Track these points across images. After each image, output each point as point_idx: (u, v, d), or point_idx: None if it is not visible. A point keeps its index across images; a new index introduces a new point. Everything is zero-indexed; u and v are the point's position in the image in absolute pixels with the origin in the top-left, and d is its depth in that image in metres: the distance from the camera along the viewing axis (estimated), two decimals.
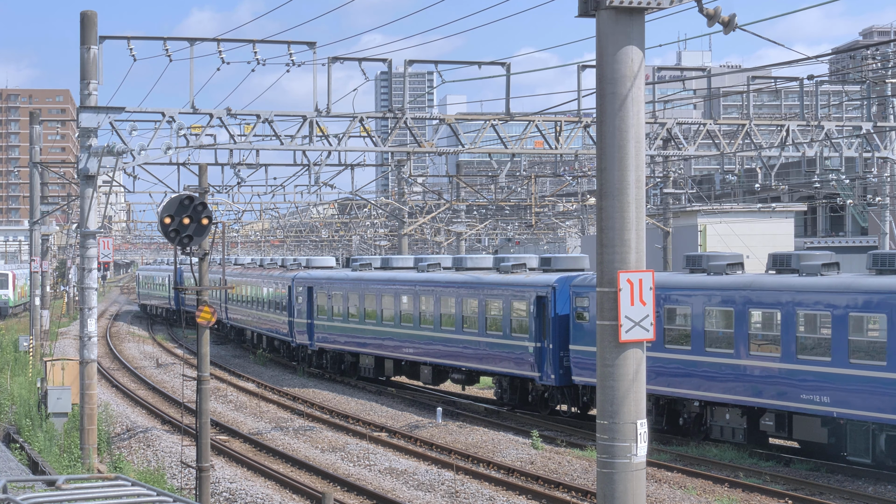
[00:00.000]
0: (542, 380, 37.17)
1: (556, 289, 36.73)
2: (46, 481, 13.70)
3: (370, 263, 51.33)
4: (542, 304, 37.15)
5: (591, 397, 36.23)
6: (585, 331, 35.25)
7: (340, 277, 50.86)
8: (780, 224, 69.22)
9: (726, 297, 30.88)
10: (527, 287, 37.93)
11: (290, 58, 31.38)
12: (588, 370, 35.00)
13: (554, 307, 36.67)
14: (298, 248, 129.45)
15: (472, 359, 40.55)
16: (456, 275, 42.70)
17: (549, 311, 36.81)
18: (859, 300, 27.53)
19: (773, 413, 29.80)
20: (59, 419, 34.16)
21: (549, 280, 37.20)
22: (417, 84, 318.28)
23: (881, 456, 27.25)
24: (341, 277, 50.78)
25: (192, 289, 22.93)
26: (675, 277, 33.36)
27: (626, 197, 13.37)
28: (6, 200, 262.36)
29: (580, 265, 39.40)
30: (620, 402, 13.44)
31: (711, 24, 13.00)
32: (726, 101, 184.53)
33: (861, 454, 27.58)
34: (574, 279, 36.55)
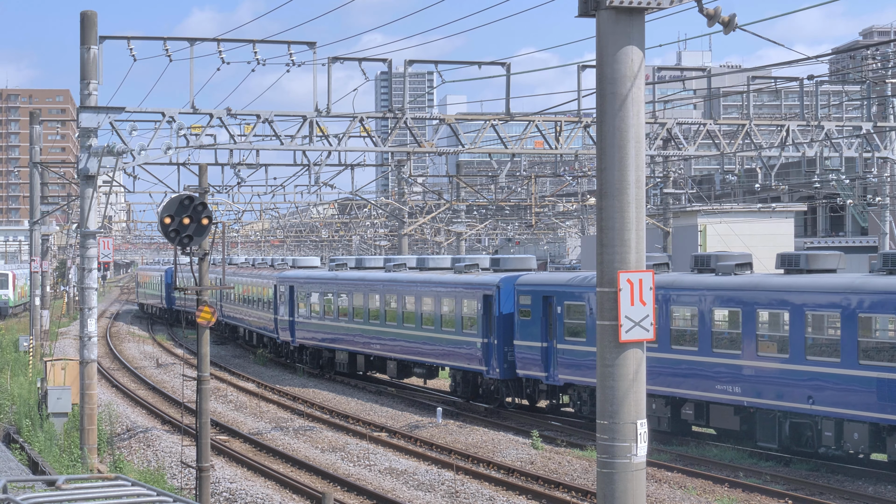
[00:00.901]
0: (488, 374, 39.29)
1: (500, 288, 38.81)
2: (46, 481, 13.71)
3: (346, 263, 53.68)
4: (489, 302, 39.23)
5: (533, 389, 38.39)
6: (527, 327, 37.42)
7: (317, 277, 53.33)
8: (780, 224, 69.23)
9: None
10: (475, 286, 40.08)
11: (290, 58, 31.38)
12: (530, 364, 37.35)
13: (499, 305, 38.75)
14: (298, 248, 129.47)
15: (430, 354, 42.78)
16: (416, 274, 45.22)
17: (494, 308, 38.85)
18: (767, 298, 29.47)
19: (693, 403, 31.75)
20: (59, 419, 34.16)
21: (494, 280, 39.23)
22: (417, 84, 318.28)
23: (786, 441, 29.16)
24: (318, 277, 53.27)
25: (191, 289, 22.93)
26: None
27: (626, 197, 13.37)
28: (6, 200, 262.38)
29: (527, 265, 41.71)
30: (620, 402, 13.44)
31: (711, 24, 13.00)
32: (726, 101, 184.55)
33: (769, 440, 29.51)
34: (517, 279, 38.50)
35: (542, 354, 37.14)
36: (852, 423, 27.30)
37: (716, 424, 31.76)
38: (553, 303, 36.74)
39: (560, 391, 37.72)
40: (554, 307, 36.70)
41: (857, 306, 27.22)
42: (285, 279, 56.30)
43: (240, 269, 69.82)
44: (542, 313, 37.16)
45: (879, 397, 26.58)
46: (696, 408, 31.77)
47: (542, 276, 38.47)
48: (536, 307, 37.32)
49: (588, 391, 35.51)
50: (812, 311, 28.36)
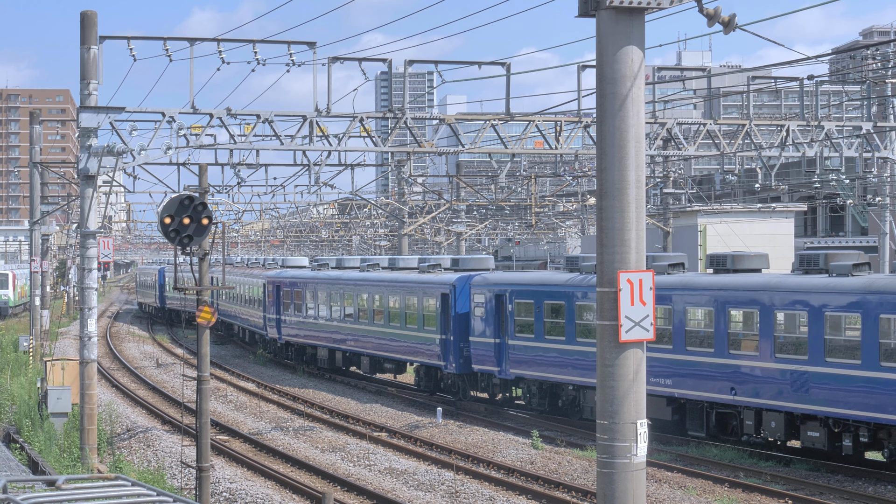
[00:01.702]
0: (446, 368, 41.47)
1: (456, 287, 41.08)
2: (46, 481, 13.70)
3: (327, 263, 56.40)
4: (446, 300, 41.41)
5: (487, 383, 40.44)
6: (481, 325, 39.53)
7: (300, 276, 55.81)
8: (780, 224, 69.22)
9: (587, 295, 35.20)
10: (434, 285, 42.34)
11: (290, 58, 31.37)
12: (484, 360, 39.43)
13: (455, 303, 40.98)
14: (298, 248, 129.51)
15: (397, 350, 45.03)
16: (384, 274, 47.69)
17: (451, 307, 41.07)
18: (695, 296, 31.68)
19: None
20: (59, 419, 34.15)
21: (451, 279, 41.46)
22: (417, 84, 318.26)
23: (713, 430, 31.57)
24: (300, 276, 55.75)
25: (191, 288, 22.93)
26: (554, 276, 37.91)
27: (626, 197, 13.37)
28: (6, 200, 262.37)
29: (486, 265, 44.13)
30: (620, 402, 13.43)
31: (711, 24, 13.00)
32: (726, 101, 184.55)
33: (697, 429, 31.91)
34: (472, 278, 40.68)
35: (494, 350, 38.92)
36: (770, 413, 29.33)
37: (651, 415, 32.32)
38: (505, 301, 38.60)
39: (512, 385, 39.44)
40: (506, 305, 38.55)
41: (772, 304, 29.21)
42: (272, 278, 58.51)
43: (234, 269, 71.52)
44: (494, 311, 39.01)
45: (793, 388, 28.61)
46: None
47: (495, 276, 40.20)
48: (489, 305, 39.22)
49: (537, 384, 37.67)
50: (734, 307, 30.34)
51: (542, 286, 37.23)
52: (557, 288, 36.53)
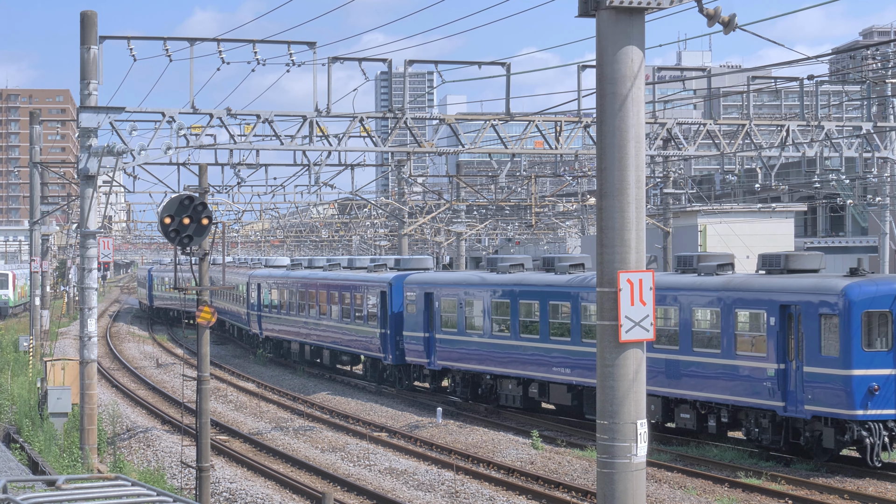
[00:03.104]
0: (385, 360, 45.58)
1: (392, 285, 45.01)
2: (46, 481, 13.71)
3: (301, 263, 61.59)
4: (384, 297, 45.31)
5: (418, 374, 44.46)
6: (412, 320, 43.32)
7: (276, 275, 59.93)
8: (780, 224, 69.18)
9: (506, 291, 38.56)
10: (375, 284, 46.43)
11: (290, 58, 31.36)
12: (415, 352, 43.30)
13: (391, 300, 44.83)
14: (298, 248, 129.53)
15: (349, 344, 49.28)
16: (340, 273, 52.24)
17: (388, 303, 44.90)
18: (589, 294, 34.53)
19: (537, 383, 37.39)
20: (59, 419, 34.14)
21: (388, 278, 45.50)
22: (417, 84, 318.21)
23: None
24: (276, 275, 59.87)
25: (191, 288, 22.93)
26: (473, 276, 41.25)
27: (626, 197, 13.36)
28: (6, 200, 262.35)
29: (425, 265, 48.44)
30: (620, 403, 13.43)
31: (711, 24, 13.00)
32: (726, 101, 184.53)
33: (593, 413, 33.21)
34: (406, 277, 44.42)
35: (424, 343, 42.69)
36: (651, 397, 31.54)
37: (555, 401, 37.28)
38: (433, 298, 42.21)
39: (440, 375, 43.15)
40: (433, 302, 42.13)
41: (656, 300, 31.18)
42: (254, 277, 62.75)
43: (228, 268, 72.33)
44: (424, 308, 42.65)
45: (668, 375, 31.82)
46: (539, 387, 37.34)
47: (425, 276, 44.10)
48: (419, 302, 42.96)
49: (460, 375, 41.31)
50: None
51: (463, 285, 40.90)
52: (475, 287, 40.22)
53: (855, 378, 27.43)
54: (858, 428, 27.46)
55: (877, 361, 27.62)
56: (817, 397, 27.94)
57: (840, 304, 27.73)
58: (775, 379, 28.89)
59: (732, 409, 30.51)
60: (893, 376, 27.61)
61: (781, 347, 28.92)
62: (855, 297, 27.65)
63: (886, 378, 27.56)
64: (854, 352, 27.51)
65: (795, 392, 28.47)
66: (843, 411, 27.55)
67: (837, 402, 27.73)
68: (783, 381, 28.76)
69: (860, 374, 27.44)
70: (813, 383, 28.01)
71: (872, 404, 27.42)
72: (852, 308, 27.58)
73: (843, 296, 27.69)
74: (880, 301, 27.83)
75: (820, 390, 27.86)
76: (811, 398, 28.06)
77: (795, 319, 28.65)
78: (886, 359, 27.70)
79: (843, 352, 27.60)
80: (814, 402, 28.03)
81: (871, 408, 27.42)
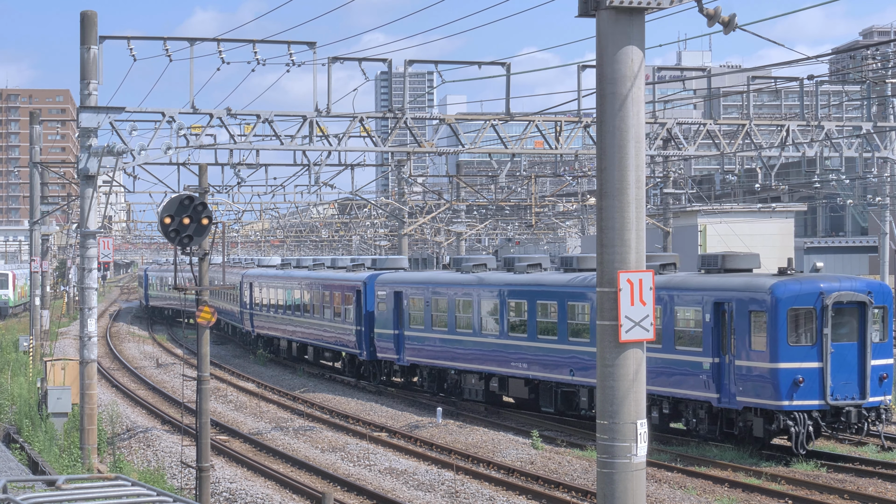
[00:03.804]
0: (361, 356, 47.64)
1: (367, 284, 47.12)
2: (46, 481, 13.70)
3: (290, 263, 64.04)
4: (360, 296, 47.44)
5: (390, 369, 46.23)
6: (383, 317, 45.33)
7: (266, 275, 61.97)
8: (780, 224, 69.15)
9: (468, 290, 40.44)
10: (352, 283, 48.50)
11: (290, 58, 31.35)
12: (386, 349, 45.29)
13: (366, 299, 46.95)
14: (298, 248, 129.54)
15: (330, 340, 51.40)
16: (321, 272, 54.57)
17: (363, 302, 47.10)
18: (542, 293, 36.49)
19: (497, 377, 39.08)
20: (59, 419, 34.13)
21: (363, 277, 47.68)
22: (417, 84, 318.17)
23: (561, 406, 36.42)
24: (267, 275, 61.94)
25: (190, 288, 22.93)
26: (440, 275, 43.24)
27: (626, 197, 13.36)
28: (6, 200, 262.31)
29: (400, 265, 50.25)
30: (620, 402, 13.43)
31: (711, 24, 13.00)
32: (726, 101, 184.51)
33: (548, 405, 36.80)
34: (377, 277, 46.49)
35: (394, 340, 44.60)
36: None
37: (513, 394, 38.90)
38: (402, 297, 44.08)
39: (409, 370, 44.77)
40: (402, 301, 44.02)
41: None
42: (247, 277, 64.71)
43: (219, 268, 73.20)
44: (394, 306, 44.48)
45: None
46: (499, 381, 38.99)
47: (395, 275, 46.01)
48: (390, 301, 44.87)
49: (428, 370, 43.09)
50: (573, 301, 35.32)
51: (429, 284, 42.78)
52: (440, 286, 42.10)
53: (781, 371, 29.00)
54: (784, 418, 28.94)
55: (801, 355, 29.18)
56: (748, 389, 29.53)
57: (768, 302, 29.26)
58: (710, 372, 30.53)
59: (673, 402, 32.13)
60: (817, 369, 29.17)
61: (716, 342, 30.45)
62: (781, 295, 29.17)
63: (810, 371, 29.14)
64: (780, 346, 29.08)
65: (728, 385, 30.08)
66: (771, 402, 29.11)
67: (765, 393, 29.27)
68: (718, 374, 30.34)
69: (786, 368, 29.01)
70: (744, 376, 29.62)
71: (797, 395, 29.04)
72: (779, 305, 29.10)
73: (771, 294, 29.21)
74: (805, 299, 29.29)
75: (750, 383, 29.48)
76: (742, 390, 29.64)
77: (729, 316, 30.11)
78: (810, 353, 29.21)
79: (770, 346, 29.15)
80: (745, 393, 29.62)
81: (797, 399, 29.04)
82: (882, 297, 30.19)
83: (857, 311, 29.69)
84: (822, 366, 29.13)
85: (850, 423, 29.36)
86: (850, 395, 29.35)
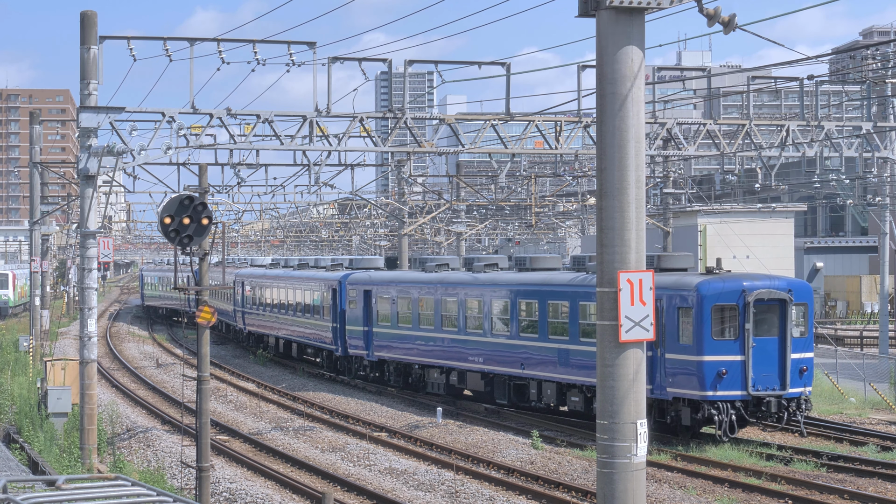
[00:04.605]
0: (337, 352, 49.79)
1: (342, 283, 49.25)
2: (46, 481, 13.70)
3: (278, 263, 67.32)
4: (336, 294, 49.57)
5: (359, 364, 48.52)
6: (354, 315, 47.73)
7: (255, 274, 64.56)
8: (780, 224, 69.13)
9: (430, 288, 42.43)
10: (328, 282, 50.69)
11: (290, 58, 31.34)
12: (357, 345, 47.65)
13: (341, 297, 49.16)
14: (298, 248, 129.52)
15: (310, 337, 53.43)
16: (302, 272, 56.96)
17: (338, 300, 49.20)
18: (497, 291, 38.69)
19: (457, 371, 41.07)
20: (59, 419, 34.12)
21: (338, 276, 49.87)
22: (417, 84, 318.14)
23: (513, 398, 38.38)
24: (255, 274, 64.53)
25: (191, 289, 22.93)
26: (405, 275, 45.61)
27: (626, 197, 13.36)
28: (6, 200, 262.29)
29: (376, 265, 52.68)
30: (620, 402, 13.43)
31: (711, 24, 13.00)
32: (726, 101, 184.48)
33: (502, 398, 38.80)
34: (349, 276, 48.87)
35: (363, 337, 46.97)
36: (547, 383, 36.37)
37: (471, 387, 40.76)
38: (371, 295, 46.41)
39: (378, 365, 46.88)
40: (371, 299, 46.37)
41: (546, 296, 36.39)
42: (239, 276, 66.82)
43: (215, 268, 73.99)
44: (363, 304, 46.91)
45: (560, 363, 35.66)
46: (458, 375, 40.93)
47: (364, 275, 48.24)
48: (360, 299, 47.30)
49: (394, 365, 45.36)
50: (522, 299, 37.39)
51: (395, 283, 45.09)
52: (405, 284, 44.28)
53: (706, 363, 30.91)
54: (709, 407, 30.85)
55: (725, 349, 31.06)
56: (677, 381, 31.52)
57: (693, 299, 31.18)
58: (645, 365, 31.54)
59: None
60: (739, 362, 31.07)
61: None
62: (706, 292, 31.09)
63: (733, 363, 31.06)
64: (705, 340, 30.95)
65: (660, 377, 31.97)
66: (697, 392, 31.04)
67: (692, 384, 31.16)
68: (651, 367, 31.68)
69: (710, 360, 30.93)
70: (673, 368, 31.60)
71: (721, 386, 30.92)
72: (703, 302, 30.99)
73: (696, 291, 31.17)
74: (728, 296, 31.16)
75: (678, 374, 31.46)
76: (672, 381, 31.65)
77: (660, 312, 31.82)
78: (733, 347, 31.07)
79: (696, 340, 31.06)
80: (674, 385, 31.62)
81: (720, 389, 30.94)
82: (802, 295, 32.03)
83: (777, 307, 31.53)
84: (744, 359, 30.98)
85: (770, 413, 31.26)
86: (771, 387, 31.30)
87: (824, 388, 42.43)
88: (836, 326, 62.52)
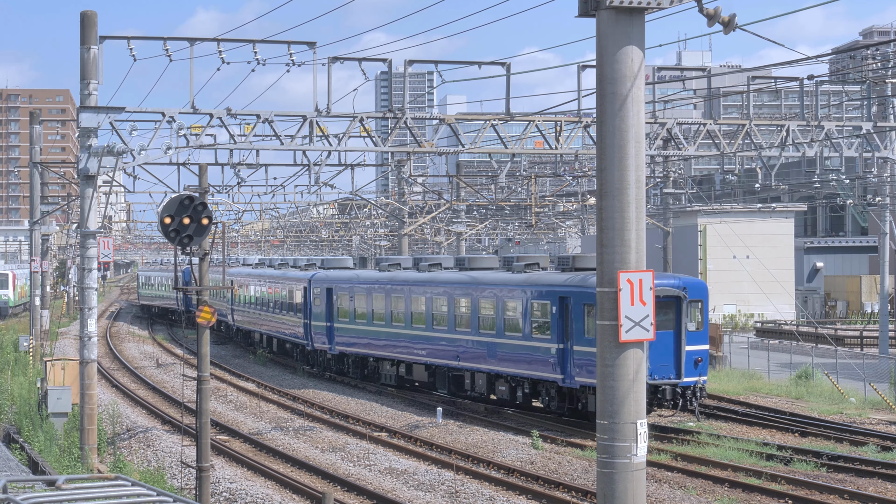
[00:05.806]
0: (308, 346, 52.79)
1: (311, 282, 51.88)
2: (46, 481, 13.69)
3: (264, 262, 70.59)
4: (307, 292, 52.22)
5: (323, 358, 51.68)
6: (318, 311, 50.67)
7: (244, 273, 67.26)
8: (780, 224, 69.09)
9: (382, 286, 45.10)
10: (300, 281, 53.63)
11: (290, 58, 31.34)
12: (320, 340, 50.54)
13: (310, 295, 51.80)
14: (298, 248, 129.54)
15: (286, 333, 56.35)
16: (280, 271, 60.14)
17: (308, 298, 51.98)
18: (439, 288, 41.06)
19: (405, 363, 43.96)
20: (59, 419, 34.12)
21: (308, 275, 52.88)
22: (417, 84, 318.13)
23: (452, 388, 41.16)
24: (242, 273, 67.51)
25: (191, 289, 22.93)
26: (363, 274, 48.20)
27: (626, 197, 13.36)
28: (6, 200, 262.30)
29: (346, 264, 55.41)
30: (620, 403, 13.43)
31: (711, 24, 13.00)
32: (726, 101, 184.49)
33: (443, 388, 41.72)
34: (315, 275, 51.69)
35: (326, 332, 49.82)
36: (479, 374, 39.19)
37: (417, 378, 43.45)
38: (332, 293, 49.25)
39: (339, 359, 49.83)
40: (333, 296, 49.15)
41: (476, 293, 39.03)
42: (229, 275, 69.45)
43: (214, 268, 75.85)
44: (326, 301, 49.72)
45: (489, 355, 38.27)
46: (406, 367, 43.80)
47: (327, 274, 51.30)
48: (323, 297, 50.09)
49: (353, 358, 48.56)
50: (457, 296, 39.99)
51: (353, 282, 47.67)
52: (361, 283, 46.92)
53: None
54: None
55: None
56: (583, 370, 33.90)
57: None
58: (556, 357, 35.05)
59: (532, 382, 36.87)
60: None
61: (561, 331, 35.05)
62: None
63: None
64: None
65: (570, 367, 34.59)
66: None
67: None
68: (562, 358, 34.86)
69: None
70: (580, 359, 34.09)
71: None
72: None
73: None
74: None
75: (584, 365, 33.77)
76: (579, 371, 34.15)
77: (570, 309, 34.47)
78: None
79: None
80: (581, 374, 34.09)
81: None
82: (697, 292, 34.11)
83: (673, 304, 33.42)
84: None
85: (666, 399, 33.40)
86: (667, 376, 33.46)
87: (824, 387, 42.43)
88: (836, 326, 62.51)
